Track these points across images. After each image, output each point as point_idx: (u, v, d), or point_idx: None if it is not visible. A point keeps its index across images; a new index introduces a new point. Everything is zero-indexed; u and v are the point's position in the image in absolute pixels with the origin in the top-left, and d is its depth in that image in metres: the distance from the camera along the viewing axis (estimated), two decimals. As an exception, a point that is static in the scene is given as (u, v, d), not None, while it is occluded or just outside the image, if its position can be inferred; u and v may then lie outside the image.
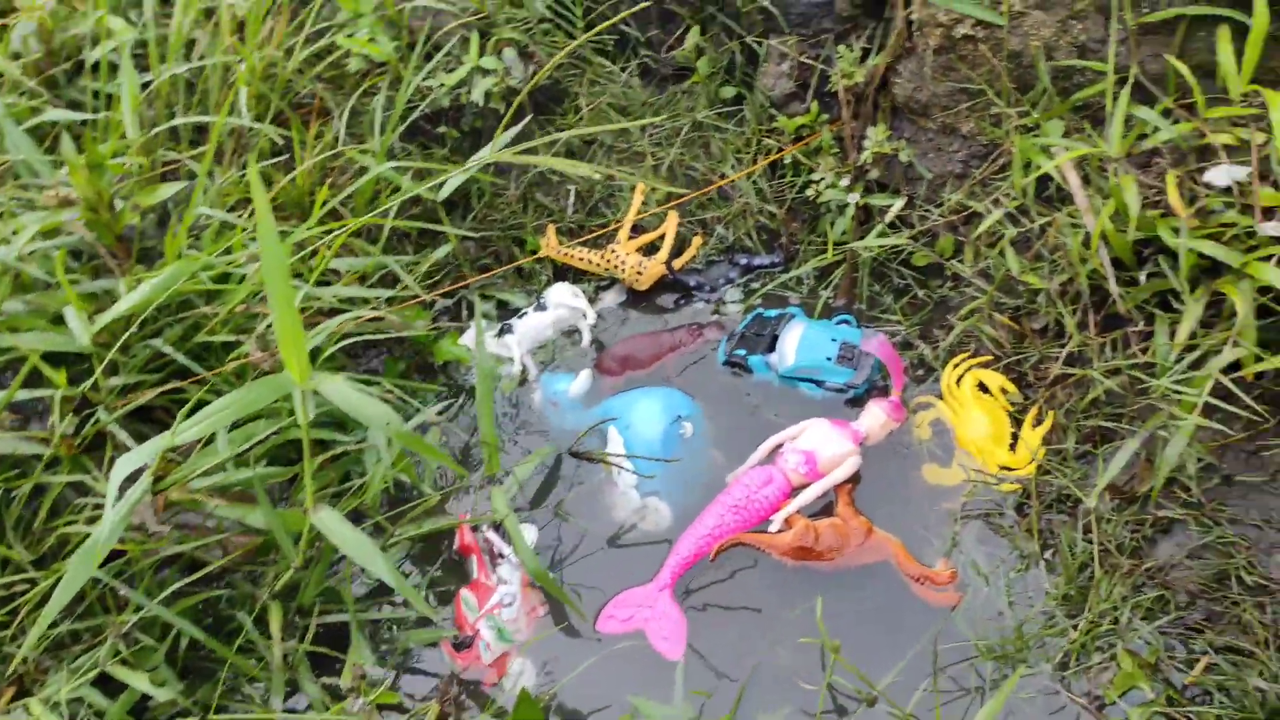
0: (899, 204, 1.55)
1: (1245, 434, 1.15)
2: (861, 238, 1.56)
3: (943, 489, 1.36)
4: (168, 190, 1.49)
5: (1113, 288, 1.22)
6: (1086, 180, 1.30)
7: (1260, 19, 1.14)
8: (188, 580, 1.21)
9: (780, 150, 1.64)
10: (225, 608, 1.31)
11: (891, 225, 1.56)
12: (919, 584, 1.26)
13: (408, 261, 1.61)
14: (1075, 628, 1.17)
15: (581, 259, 1.68)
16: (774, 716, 1.19)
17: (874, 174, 1.56)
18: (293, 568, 1.20)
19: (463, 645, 1.29)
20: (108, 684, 1.17)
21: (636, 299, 1.69)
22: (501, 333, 1.63)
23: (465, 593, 1.34)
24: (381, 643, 1.33)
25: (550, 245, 1.71)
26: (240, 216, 1.52)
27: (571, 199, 1.75)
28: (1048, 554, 1.26)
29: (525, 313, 1.64)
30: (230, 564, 1.29)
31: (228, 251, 1.45)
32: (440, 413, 1.53)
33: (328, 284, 1.54)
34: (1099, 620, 1.16)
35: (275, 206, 1.60)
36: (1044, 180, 1.37)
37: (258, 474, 1.21)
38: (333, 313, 1.51)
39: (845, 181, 1.56)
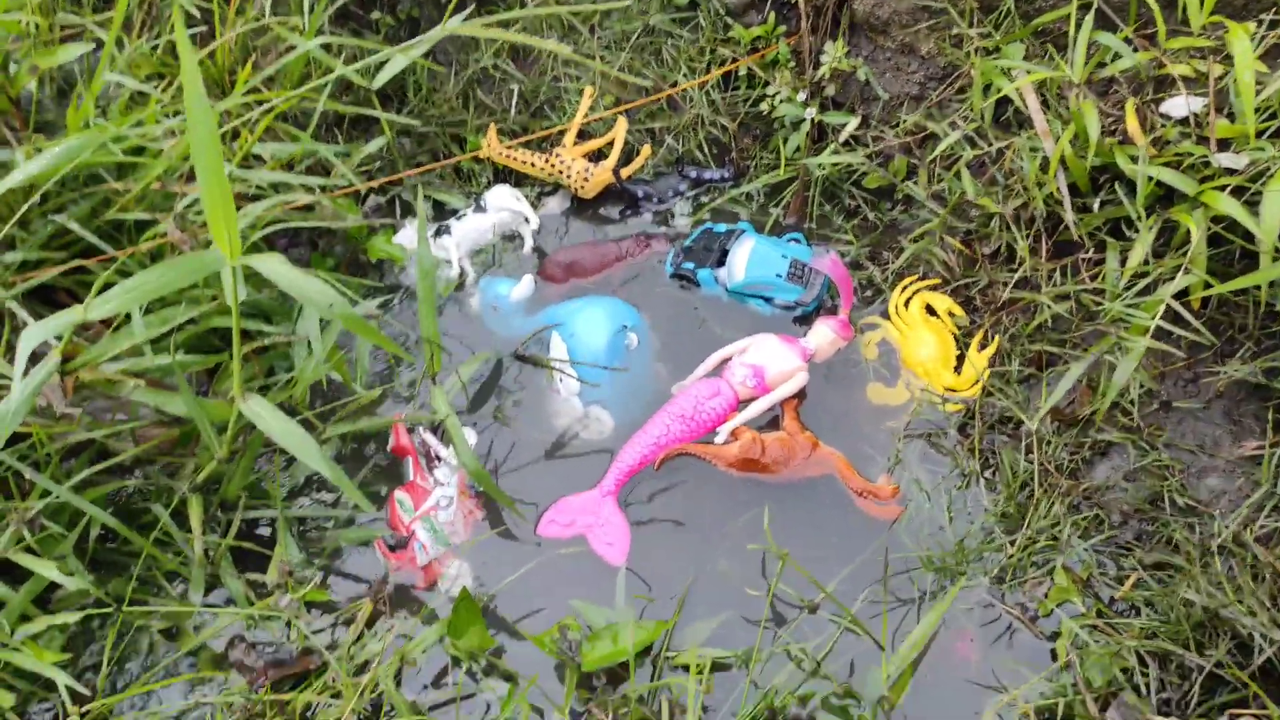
0: (854, 123, 1.53)
1: (1188, 360, 1.19)
2: (815, 155, 1.55)
3: (887, 408, 1.37)
4: (71, 51, 1.36)
5: (1069, 214, 1.23)
6: (1045, 105, 1.31)
7: (1230, -49, 1.15)
8: (98, 469, 1.12)
9: (735, 61, 1.60)
10: (138, 500, 1.23)
11: (845, 144, 1.55)
12: (862, 498, 1.27)
13: (338, 151, 1.52)
14: (1013, 543, 1.20)
15: (524, 162, 1.62)
16: (714, 621, 1.19)
17: (830, 91, 1.54)
18: (216, 460, 1.12)
19: (397, 546, 1.24)
20: (11, 572, 1.09)
21: (580, 207, 1.64)
22: (439, 234, 1.56)
23: (400, 494, 1.29)
24: (309, 543, 1.28)
25: (491, 145, 1.63)
26: (156, 88, 1.39)
27: (515, 99, 1.67)
28: (988, 473, 1.28)
29: (464, 214, 1.57)
30: (143, 455, 1.21)
31: (139, 125, 1.34)
32: (379, 308, 1.46)
33: (251, 169, 1.44)
34: (1036, 537, 1.20)
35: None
36: (1002, 104, 1.38)
37: (178, 360, 1.13)
38: (257, 199, 1.42)
39: (802, 96, 1.53)
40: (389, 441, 1.35)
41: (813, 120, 1.53)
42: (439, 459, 1.32)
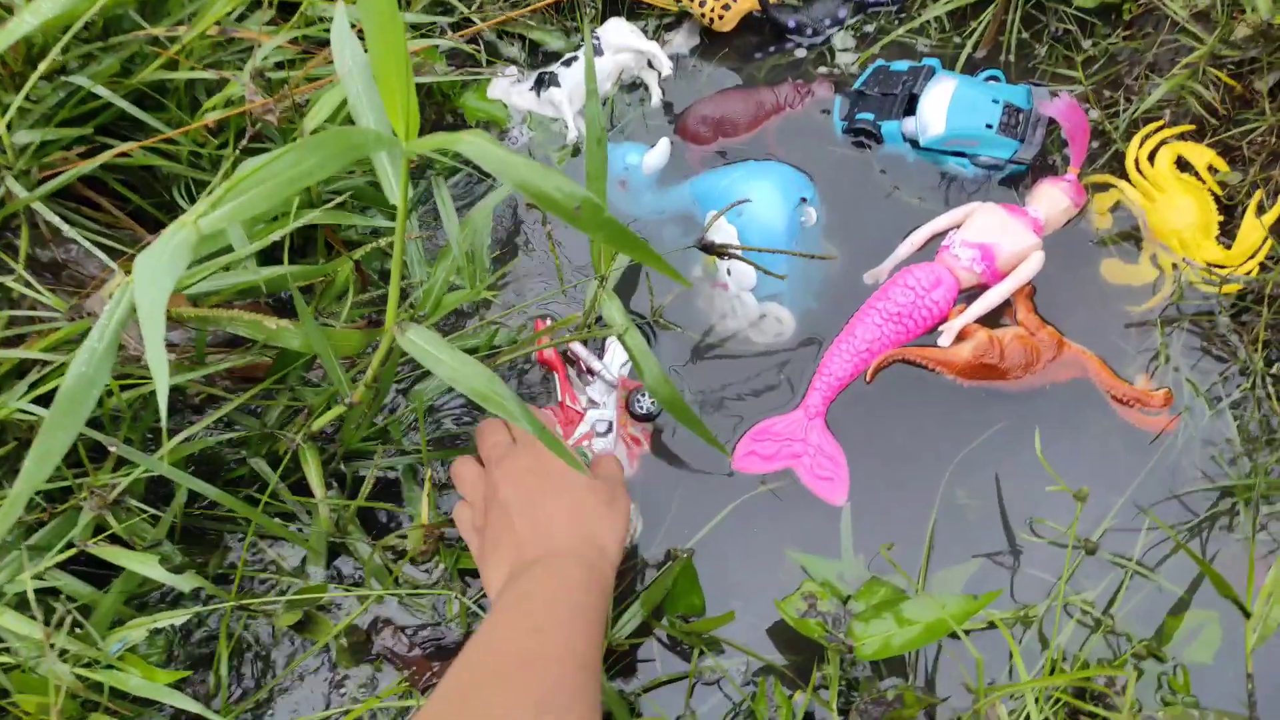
0: (1066, -77, 1.25)
1: None
2: (1017, -32, 1.27)
3: (1129, 290, 1.16)
4: None
5: None
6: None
7: None
8: (200, 426, 0.89)
9: None
10: (226, 452, 1.01)
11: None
12: (1125, 406, 1.08)
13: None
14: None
15: (643, -13, 1.32)
16: (967, 567, 1.02)
17: (1046, -121, 1.25)
18: (346, 403, 0.89)
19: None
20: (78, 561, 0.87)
21: (713, 44, 1.36)
22: (544, 84, 1.28)
23: (548, 416, 1.07)
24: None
25: (596, -34, 1.33)
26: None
27: (623, -99, 1.35)
28: (1275, 368, 1.09)
29: (574, 59, 1.29)
30: (227, 398, 0.97)
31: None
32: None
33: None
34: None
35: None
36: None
37: (293, 270, 0.88)
38: (322, 44, 1.14)
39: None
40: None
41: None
42: (592, 374, 1.10)
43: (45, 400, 0.84)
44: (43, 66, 0.93)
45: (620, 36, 1.28)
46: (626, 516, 0.90)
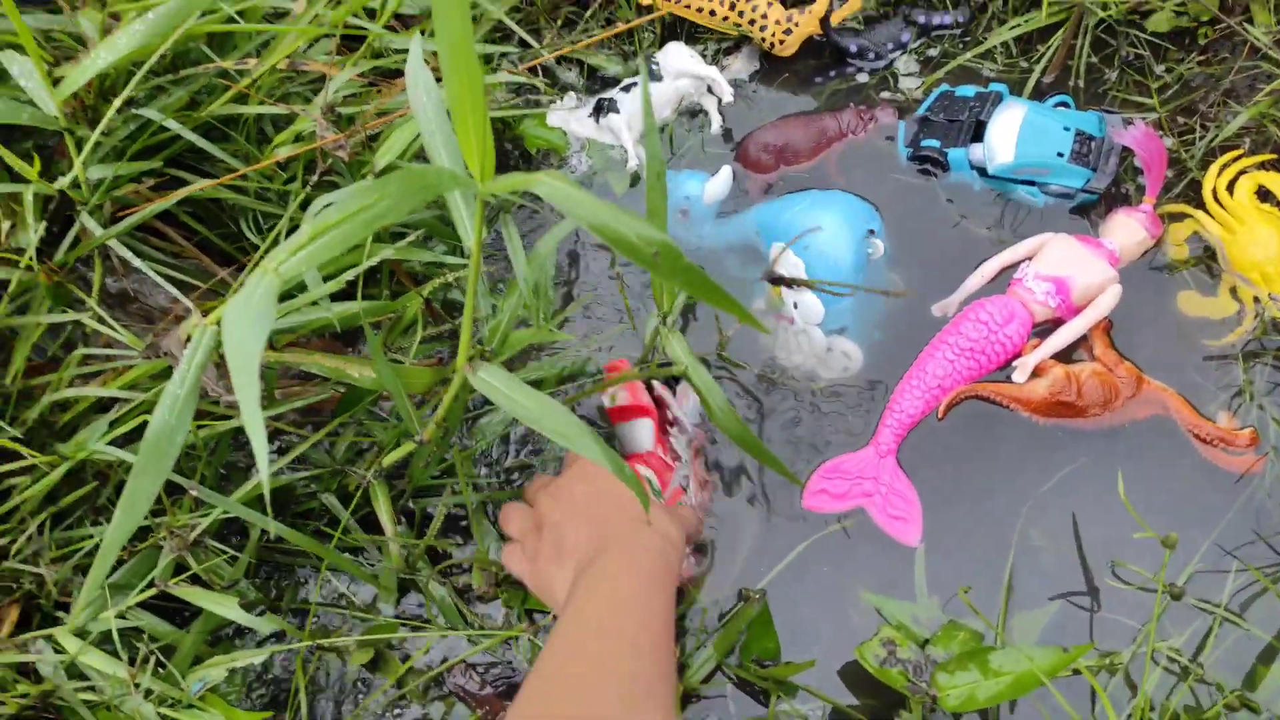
0: (1138, -54, 1.25)
1: None
2: (1087, -9, 1.26)
3: (1207, 323, 1.15)
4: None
5: None
6: None
7: None
8: (284, 462, 0.90)
9: None
10: (297, 484, 1.02)
11: (1124, -24, 1.27)
12: (1209, 445, 1.07)
13: None
14: None
15: (702, 10, 1.33)
16: (1044, 612, 1.01)
17: (1119, -98, 1.25)
18: (418, 441, 0.90)
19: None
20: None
21: (773, 68, 1.36)
22: (602, 110, 1.29)
23: (644, 469, 1.06)
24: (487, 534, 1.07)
25: (656, -10, 1.34)
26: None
27: (683, -75, 1.36)
28: (1364, 407, 1.08)
29: (633, 84, 1.30)
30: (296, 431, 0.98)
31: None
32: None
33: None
34: None
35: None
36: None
37: (365, 306, 0.88)
38: (391, 75, 1.15)
39: (1093, -90, 1.24)
40: (610, 400, 1.11)
41: (1100, -56, 1.24)
42: (674, 422, 1.09)
43: (122, 440, 0.85)
44: (117, 102, 0.95)
45: (680, 61, 1.29)
46: (678, 515, 0.97)
